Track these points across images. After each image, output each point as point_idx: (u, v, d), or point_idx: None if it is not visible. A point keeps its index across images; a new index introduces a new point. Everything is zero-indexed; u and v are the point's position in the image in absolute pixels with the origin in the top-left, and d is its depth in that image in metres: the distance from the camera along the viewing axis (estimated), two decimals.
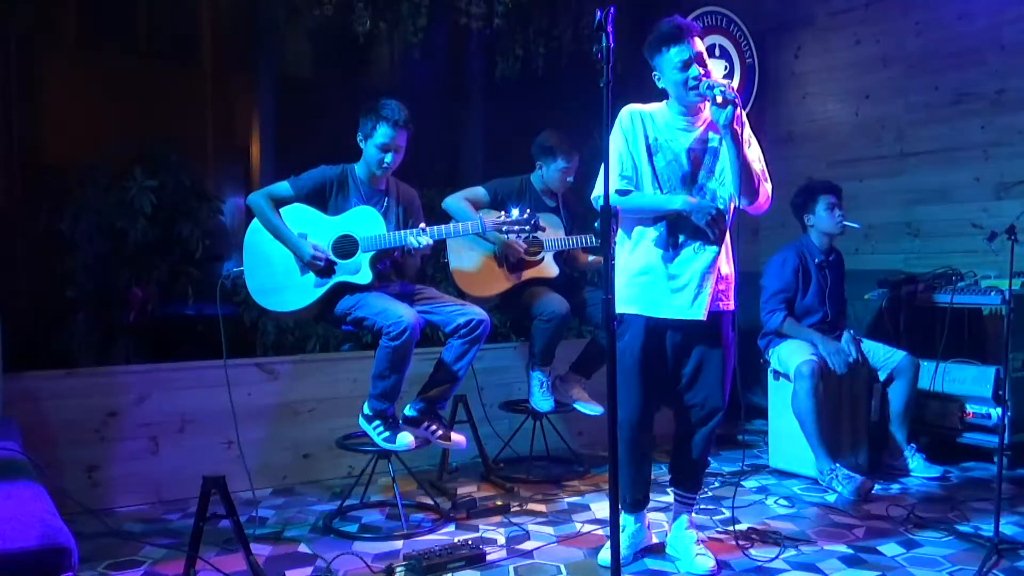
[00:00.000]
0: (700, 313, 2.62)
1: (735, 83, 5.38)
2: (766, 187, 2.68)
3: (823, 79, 5.31)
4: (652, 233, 2.66)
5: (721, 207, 2.66)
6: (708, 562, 2.68)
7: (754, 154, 2.67)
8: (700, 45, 2.59)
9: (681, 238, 2.64)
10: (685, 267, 2.64)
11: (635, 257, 2.69)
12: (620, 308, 2.65)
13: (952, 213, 4.60)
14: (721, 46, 5.33)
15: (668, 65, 2.58)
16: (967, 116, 4.53)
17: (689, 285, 2.63)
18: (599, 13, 1.97)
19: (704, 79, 2.54)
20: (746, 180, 2.59)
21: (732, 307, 2.72)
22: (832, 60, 5.24)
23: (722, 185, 2.67)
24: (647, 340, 2.66)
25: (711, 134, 2.66)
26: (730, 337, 2.73)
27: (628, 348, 2.67)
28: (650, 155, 2.65)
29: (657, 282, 2.64)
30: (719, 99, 2.47)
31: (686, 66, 2.55)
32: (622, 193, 2.61)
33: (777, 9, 5.53)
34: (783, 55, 5.52)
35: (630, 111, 2.67)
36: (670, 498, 2.98)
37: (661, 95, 2.70)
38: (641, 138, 2.65)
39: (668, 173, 2.65)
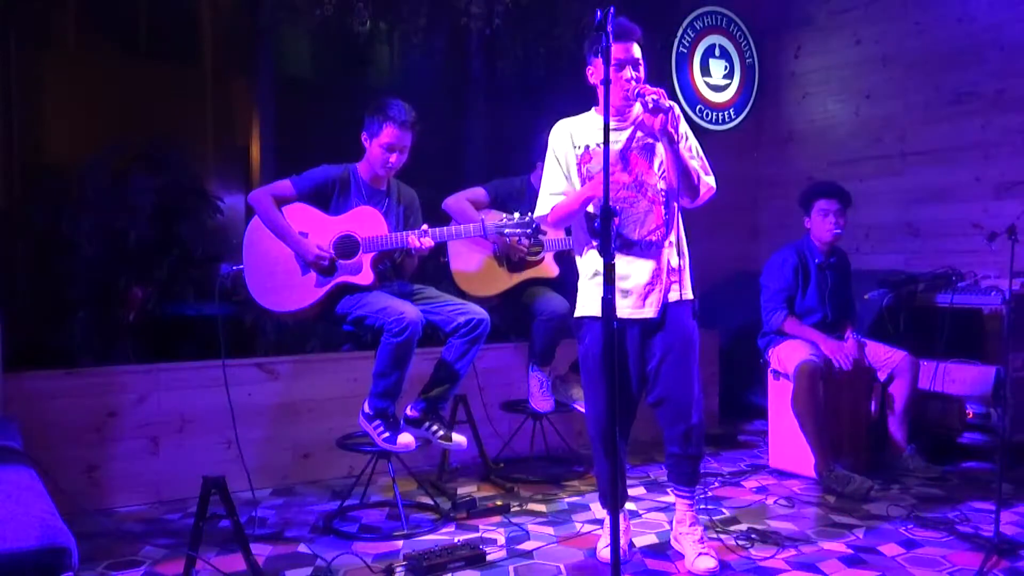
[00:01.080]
0: (652, 311, 2.66)
1: (735, 83, 5.38)
2: (707, 181, 2.68)
3: (823, 79, 5.31)
4: (597, 236, 2.69)
5: (663, 200, 2.68)
6: (710, 562, 2.68)
7: (692, 151, 2.69)
8: (638, 52, 2.63)
9: (626, 239, 2.67)
10: (633, 266, 2.66)
11: (587, 261, 2.74)
12: (579, 312, 2.73)
13: (952, 213, 4.60)
14: (721, 46, 5.33)
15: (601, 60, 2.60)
16: (967, 116, 4.53)
17: (639, 284, 2.66)
18: (599, 13, 1.97)
19: (636, 85, 2.56)
20: (686, 181, 2.62)
21: (690, 296, 2.74)
22: (832, 60, 5.24)
23: (663, 179, 2.69)
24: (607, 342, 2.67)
25: (640, 132, 2.68)
26: (691, 327, 2.73)
27: (589, 351, 2.70)
28: (580, 164, 2.69)
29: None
30: (650, 106, 2.48)
31: (621, 66, 2.58)
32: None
33: (777, 9, 5.54)
34: (783, 55, 5.52)
35: (557, 127, 2.74)
36: (670, 498, 2.98)
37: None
38: (571, 150, 2.69)
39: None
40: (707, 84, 5.28)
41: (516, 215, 3.17)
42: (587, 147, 2.68)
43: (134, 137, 3.93)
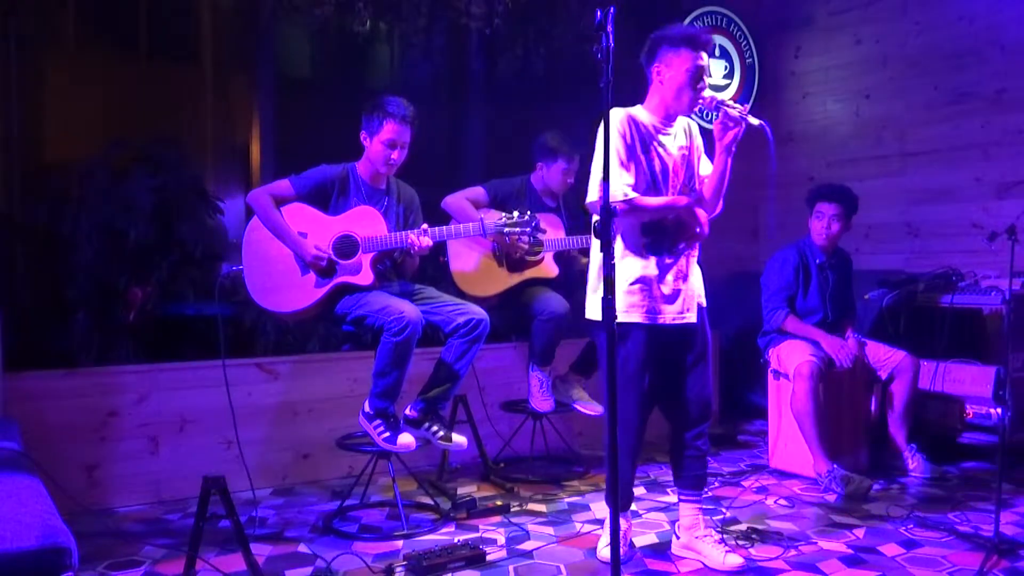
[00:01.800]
0: (693, 316, 2.73)
1: (735, 83, 5.38)
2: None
3: (823, 79, 5.31)
4: (644, 241, 2.69)
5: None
6: (739, 558, 2.69)
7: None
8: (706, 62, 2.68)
9: (673, 245, 2.71)
10: (674, 273, 2.70)
11: (626, 266, 2.68)
12: (619, 318, 2.66)
13: (952, 213, 4.60)
14: (721, 46, 5.33)
15: (680, 64, 2.61)
16: (967, 116, 4.53)
17: (679, 290, 2.71)
18: (599, 13, 1.97)
19: (712, 97, 2.64)
20: (718, 194, 2.71)
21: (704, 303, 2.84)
22: (832, 60, 5.24)
23: (693, 191, 2.77)
24: (649, 348, 2.69)
25: (680, 144, 2.74)
26: (709, 331, 2.83)
27: (632, 356, 2.68)
28: (648, 158, 2.68)
29: (652, 290, 2.68)
30: (736, 115, 2.54)
31: (699, 73, 2.62)
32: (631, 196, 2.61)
33: (777, 9, 5.54)
34: (783, 55, 5.52)
35: (625, 113, 2.67)
36: (671, 498, 2.98)
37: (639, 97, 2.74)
38: (638, 141, 2.67)
39: (664, 175, 2.69)
40: (707, 84, 5.27)
41: (515, 214, 3.17)
42: (650, 143, 2.69)
43: (134, 137, 3.92)
